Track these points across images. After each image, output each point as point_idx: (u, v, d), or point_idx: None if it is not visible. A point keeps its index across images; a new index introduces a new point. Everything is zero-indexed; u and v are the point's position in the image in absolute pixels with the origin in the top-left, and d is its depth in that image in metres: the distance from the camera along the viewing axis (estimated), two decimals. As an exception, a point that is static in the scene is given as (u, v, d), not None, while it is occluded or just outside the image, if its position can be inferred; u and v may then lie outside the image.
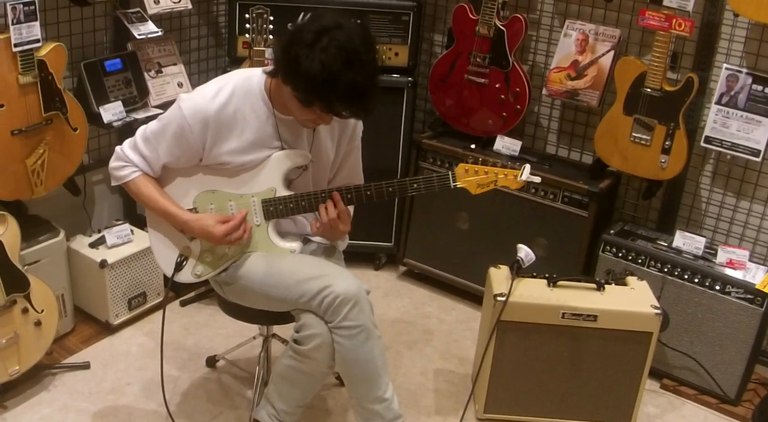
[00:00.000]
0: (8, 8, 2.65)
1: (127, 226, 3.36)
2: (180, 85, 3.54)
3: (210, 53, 3.97)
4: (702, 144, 3.18)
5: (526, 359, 2.85)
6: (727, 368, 3.09)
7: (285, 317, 2.51)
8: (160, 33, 3.32)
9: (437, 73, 3.65)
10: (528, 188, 3.40)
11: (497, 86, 3.49)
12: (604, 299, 2.83)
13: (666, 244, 3.22)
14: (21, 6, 2.68)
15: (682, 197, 3.43)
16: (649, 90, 3.11)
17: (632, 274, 3.05)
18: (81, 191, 3.29)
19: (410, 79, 3.67)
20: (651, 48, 3.09)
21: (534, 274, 2.91)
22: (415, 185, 2.39)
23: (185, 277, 2.54)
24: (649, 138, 3.16)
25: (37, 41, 2.76)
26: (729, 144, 3.11)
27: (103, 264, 3.18)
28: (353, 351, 2.35)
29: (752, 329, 3.00)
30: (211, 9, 3.92)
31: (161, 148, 2.39)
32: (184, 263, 2.52)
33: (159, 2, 3.30)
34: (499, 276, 2.90)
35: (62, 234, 3.14)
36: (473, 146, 3.56)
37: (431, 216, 3.72)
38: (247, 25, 3.09)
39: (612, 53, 3.31)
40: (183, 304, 3.56)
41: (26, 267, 2.88)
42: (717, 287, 3.04)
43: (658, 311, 2.77)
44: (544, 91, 3.50)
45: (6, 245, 2.71)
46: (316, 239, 2.67)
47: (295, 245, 2.51)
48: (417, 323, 3.60)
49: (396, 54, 3.66)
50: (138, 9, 3.31)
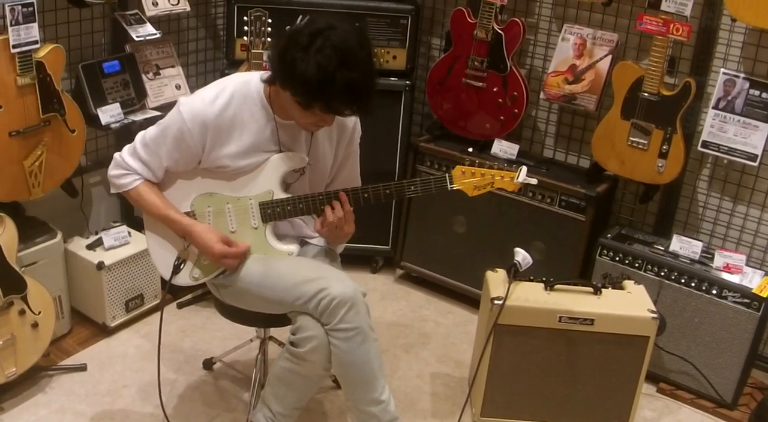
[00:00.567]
0: (7, 9, 2.65)
1: (125, 228, 3.36)
2: (178, 87, 3.55)
3: (208, 55, 3.98)
4: (699, 148, 3.18)
5: (523, 362, 2.85)
6: (724, 372, 3.09)
7: (282, 319, 2.51)
8: (159, 35, 3.33)
9: (435, 77, 3.66)
10: (525, 192, 3.40)
11: (495, 90, 3.49)
12: (601, 303, 2.83)
13: (663, 248, 3.23)
14: (20, 7, 2.68)
15: (679, 201, 3.44)
16: (647, 94, 3.12)
17: (629, 278, 3.05)
18: (78, 193, 3.29)
19: (408, 83, 3.67)
20: (648, 52, 3.10)
21: (531, 278, 2.91)
22: (413, 187, 2.40)
23: (183, 280, 2.54)
24: (647, 142, 3.17)
25: (36, 43, 2.76)
26: (726, 148, 3.11)
27: (101, 266, 3.18)
28: (350, 353, 2.35)
29: (749, 333, 3.00)
30: (210, 11, 3.92)
31: (161, 153, 2.39)
32: (182, 266, 2.52)
33: (157, 4, 3.30)
34: (496, 279, 2.90)
35: (59, 235, 3.14)
36: (470, 149, 3.57)
37: (428, 219, 3.72)
38: (246, 28, 3.09)
39: (610, 57, 3.32)
40: (180, 307, 3.56)
41: (23, 268, 2.88)
42: (714, 291, 3.04)
43: (655, 315, 2.78)
44: (542, 95, 3.51)
45: (3, 246, 2.71)
46: (314, 241, 2.67)
47: (293, 247, 2.51)
48: (414, 326, 3.60)
49: (394, 57, 3.67)
50: (136, 11, 3.31)
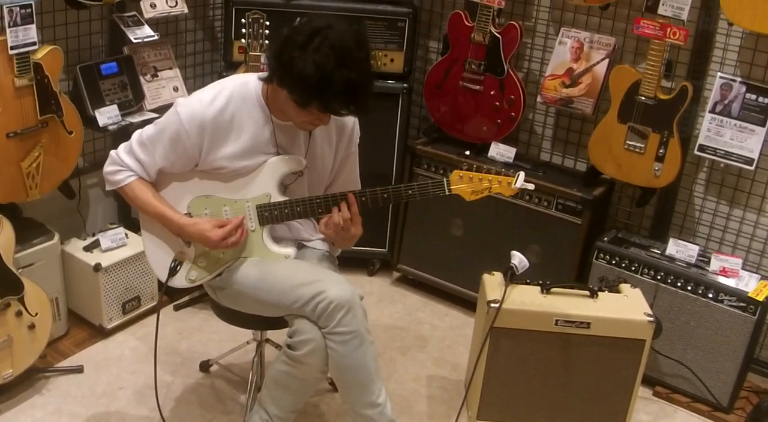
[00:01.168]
0: (5, 11, 2.65)
1: (122, 230, 3.36)
2: (175, 90, 3.55)
3: (206, 58, 3.98)
4: (696, 152, 3.19)
5: (520, 365, 2.86)
6: (720, 376, 3.10)
7: (278, 322, 2.51)
8: (156, 37, 3.32)
9: (432, 80, 3.66)
10: (522, 195, 3.41)
11: (492, 93, 3.50)
12: (598, 306, 2.83)
13: (659, 252, 3.24)
14: (18, 9, 2.68)
15: (676, 205, 3.45)
16: (644, 98, 3.12)
17: (625, 282, 3.06)
18: (76, 194, 3.30)
19: (405, 86, 3.68)
20: (645, 56, 3.11)
21: (527, 281, 2.92)
22: (410, 191, 2.40)
23: (179, 282, 2.53)
24: (643, 146, 3.18)
25: (34, 44, 2.76)
26: (722, 152, 3.12)
27: (98, 267, 3.18)
28: (346, 356, 2.35)
29: (745, 337, 3.01)
30: (207, 14, 3.93)
31: (157, 153, 2.39)
32: (179, 268, 2.52)
33: (155, 6, 3.30)
34: (493, 282, 2.90)
35: (57, 237, 3.14)
36: (468, 152, 3.57)
37: (425, 222, 3.73)
38: (243, 30, 3.09)
39: (607, 61, 3.32)
40: (177, 309, 3.56)
41: (20, 270, 2.88)
42: (710, 295, 3.05)
43: (651, 318, 2.78)
44: (539, 99, 3.51)
45: (0, 248, 2.71)
46: (311, 244, 2.67)
47: (290, 250, 2.51)
48: (410, 329, 3.60)
49: (391, 60, 3.67)
50: (134, 13, 3.31)
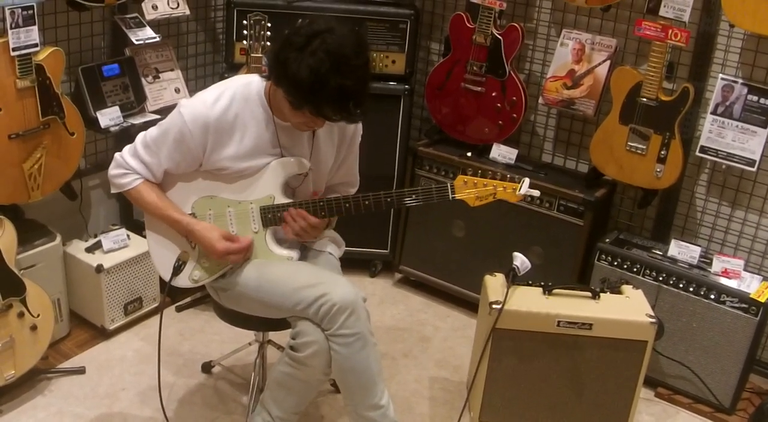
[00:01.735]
0: (7, 12, 2.66)
1: (124, 231, 3.36)
2: (177, 91, 3.55)
3: (207, 59, 3.98)
4: (697, 153, 3.19)
5: (522, 367, 2.86)
6: (722, 377, 3.10)
7: (281, 323, 2.51)
8: (158, 39, 3.33)
9: (434, 81, 3.66)
10: (524, 197, 3.40)
11: (494, 95, 3.50)
12: (600, 308, 2.83)
13: (661, 253, 3.24)
14: (19, 10, 2.68)
15: (678, 206, 3.45)
16: (645, 99, 3.12)
17: (627, 283, 3.05)
18: (78, 196, 3.30)
19: (407, 87, 3.68)
20: (647, 58, 3.11)
21: (529, 282, 2.91)
22: (414, 196, 2.40)
23: (182, 282, 2.54)
24: (645, 147, 3.18)
25: (35, 45, 2.77)
26: (724, 154, 3.12)
27: (100, 269, 3.18)
28: (350, 358, 2.35)
29: (747, 338, 3.01)
30: (209, 15, 3.93)
31: (162, 154, 2.39)
32: (182, 267, 2.52)
33: (157, 8, 3.30)
34: (495, 284, 2.90)
35: (59, 238, 3.14)
36: (469, 154, 3.58)
37: (427, 223, 3.73)
38: (245, 32, 3.09)
39: (608, 63, 3.32)
40: (179, 310, 3.56)
41: (22, 271, 2.88)
42: (712, 296, 3.05)
43: (653, 320, 2.78)
44: (541, 100, 3.51)
45: (2, 249, 2.71)
46: (314, 246, 2.66)
47: (293, 252, 2.51)
48: (412, 330, 3.60)
49: (393, 61, 3.67)
50: (136, 15, 3.31)
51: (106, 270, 3.20)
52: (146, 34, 3.29)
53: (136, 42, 3.26)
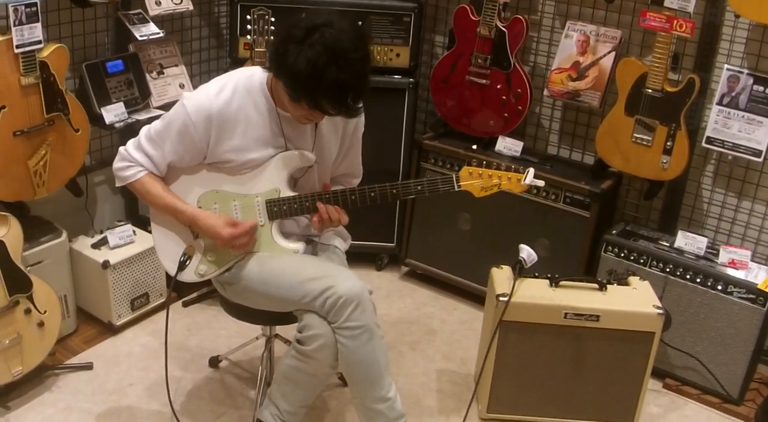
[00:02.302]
0: (10, 9, 2.65)
1: (130, 227, 3.36)
2: (182, 86, 3.55)
3: (211, 54, 3.98)
4: (703, 144, 3.18)
5: (529, 359, 2.86)
6: (730, 368, 3.09)
7: (287, 317, 2.51)
8: (162, 34, 3.33)
9: (438, 74, 3.66)
10: (530, 189, 3.39)
11: (498, 87, 3.49)
12: (607, 299, 2.83)
13: (668, 244, 3.23)
14: (23, 7, 2.68)
15: (684, 197, 3.44)
16: (651, 91, 3.11)
17: (634, 274, 3.05)
18: (83, 192, 3.30)
19: (411, 80, 3.67)
20: (652, 49, 3.10)
21: (536, 274, 2.91)
22: (419, 188, 2.40)
23: (188, 276, 2.54)
24: (651, 138, 3.17)
25: (39, 42, 2.76)
26: (730, 144, 3.11)
27: (106, 265, 3.18)
28: (356, 351, 2.35)
29: (754, 329, 3.00)
30: (213, 10, 3.93)
31: (166, 147, 2.39)
32: (188, 262, 2.52)
33: (160, 3, 3.30)
34: (502, 276, 2.90)
35: (64, 235, 3.15)
36: (474, 147, 3.57)
37: (433, 216, 3.72)
38: (249, 27, 3.09)
39: (613, 54, 3.31)
40: (185, 305, 3.56)
41: (29, 268, 2.88)
42: (719, 287, 3.04)
43: (661, 311, 2.78)
44: (546, 92, 3.51)
45: (8, 246, 2.71)
46: (320, 239, 2.67)
47: (299, 245, 2.51)
48: (419, 323, 3.60)
49: (397, 55, 3.67)
50: (139, 10, 3.31)
51: (113, 266, 3.21)
52: (150, 30, 3.29)
53: (140, 38, 3.26)
